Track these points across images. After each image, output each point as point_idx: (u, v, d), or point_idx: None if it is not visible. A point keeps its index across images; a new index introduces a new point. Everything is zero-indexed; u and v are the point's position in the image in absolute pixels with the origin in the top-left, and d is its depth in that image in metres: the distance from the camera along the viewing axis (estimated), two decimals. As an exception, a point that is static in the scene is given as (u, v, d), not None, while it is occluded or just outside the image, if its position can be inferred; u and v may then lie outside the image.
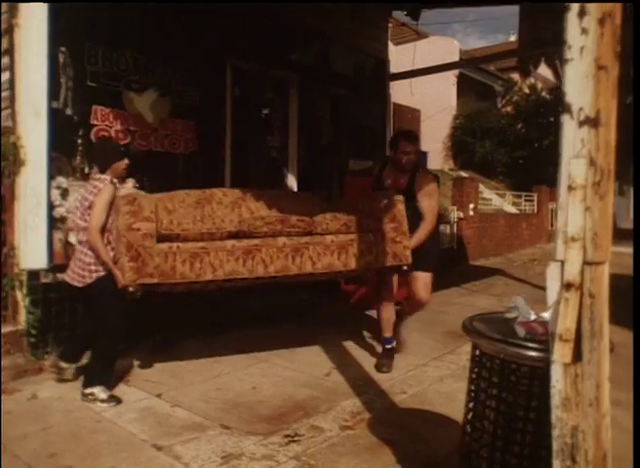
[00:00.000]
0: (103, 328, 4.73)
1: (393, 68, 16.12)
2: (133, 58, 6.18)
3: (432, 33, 22.35)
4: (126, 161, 4.87)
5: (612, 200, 2.20)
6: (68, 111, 5.71)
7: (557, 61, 18.33)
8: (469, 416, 2.87)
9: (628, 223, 31.74)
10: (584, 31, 2.13)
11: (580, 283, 2.17)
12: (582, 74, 2.14)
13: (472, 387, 2.86)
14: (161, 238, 4.60)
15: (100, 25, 5.90)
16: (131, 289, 4.51)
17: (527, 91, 22.41)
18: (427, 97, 20.58)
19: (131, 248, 4.46)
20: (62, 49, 5.61)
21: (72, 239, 5.67)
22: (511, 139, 20.82)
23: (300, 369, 5.44)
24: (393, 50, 17.76)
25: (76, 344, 5.13)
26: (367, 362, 5.59)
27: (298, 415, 4.39)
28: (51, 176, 5.49)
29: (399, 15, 12.82)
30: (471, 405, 2.86)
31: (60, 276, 5.57)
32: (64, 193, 5.66)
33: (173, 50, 6.52)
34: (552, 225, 19.56)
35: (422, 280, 5.51)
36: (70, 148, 5.76)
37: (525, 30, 8.31)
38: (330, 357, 5.74)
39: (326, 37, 8.39)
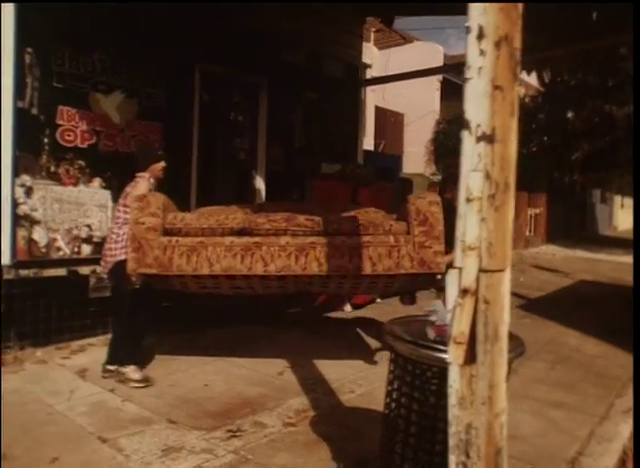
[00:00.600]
0: (118, 310, 5.27)
1: (377, 72, 16.35)
2: (100, 60, 6.27)
3: (420, 38, 22.59)
4: (163, 163, 5.31)
5: (510, 212, 2.33)
6: (34, 111, 5.79)
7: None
8: (387, 415, 3.01)
9: (610, 230, 32.10)
10: (482, 53, 2.26)
11: (475, 289, 2.30)
12: (480, 93, 2.27)
13: (390, 387, 3.00)
14: (166, 232, 4.87)
15: (67, 27, 5.99)
16: (133, 278, 4.88)
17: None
18: (411, 102, 20.81)
19: (134, 239, 4.78)
20: (29, 49, 5.70)
21: (36, 236, 5.79)
22: (492, 145, 20.92)
23: (256, 367, 5.56)
24: (377, 54, 18.00)
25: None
26: (322, 362, 5.70)
27: (244, 412, 4.52)
28: (16, 175, 5.60)
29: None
30: (389, 404, 3.00)
31: (22, 272, 5.70)
32: (29, 191, 5.75)
33: (141, 53, 6.61)
34: (530, 231, 19.78)
35: None
36: (36, 147, 5.85)
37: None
38: (287, 356, 5.85)
39: (297, 42, 8.50)
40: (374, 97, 18.28)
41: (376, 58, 17.45)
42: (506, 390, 2.38)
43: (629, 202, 32.62)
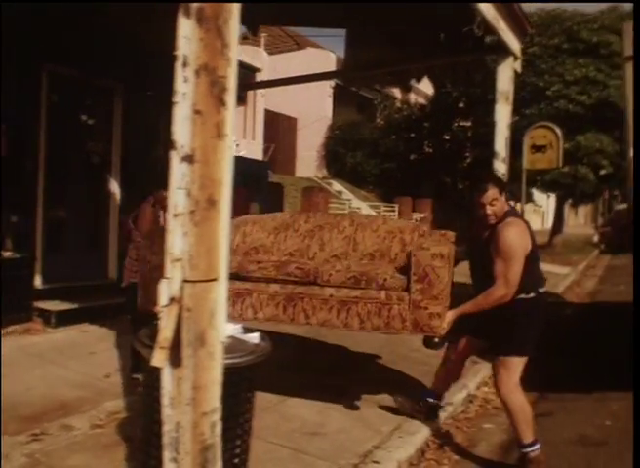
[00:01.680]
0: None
1: (267, 76, 16.54)
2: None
3: (319, 44, 23.00)
4: (164, 193, 5.38)
5: (217, 227, 2.51)
6: None
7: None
8: (142, 415, 3.17)
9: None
10: (186, 80, 2.45)
11: (180, 298, 2.48)
12: (184, 117, 2.47)
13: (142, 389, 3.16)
14: None
15: None
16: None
17: (399, 105, 23.22)
18: (305, 107, 21.12)
19: (144, 277, 4.90)
20: None
21: None
22: (381, 152, 21.53)
23: (84, 370, 5.59)
24: (267, 58, 18.22)
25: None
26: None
27: (56, 415, 4.55)
28: None
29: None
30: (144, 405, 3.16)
31: None
32: None
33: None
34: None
35: (497, 365, 4.27)
36: None
37: (349, 54, 8.74)
38: (119, 359, 5.91)
39: (157, 47, 8.45)
40: (264, 101, 18.44)
41: (266, 62, 17.67)
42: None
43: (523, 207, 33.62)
